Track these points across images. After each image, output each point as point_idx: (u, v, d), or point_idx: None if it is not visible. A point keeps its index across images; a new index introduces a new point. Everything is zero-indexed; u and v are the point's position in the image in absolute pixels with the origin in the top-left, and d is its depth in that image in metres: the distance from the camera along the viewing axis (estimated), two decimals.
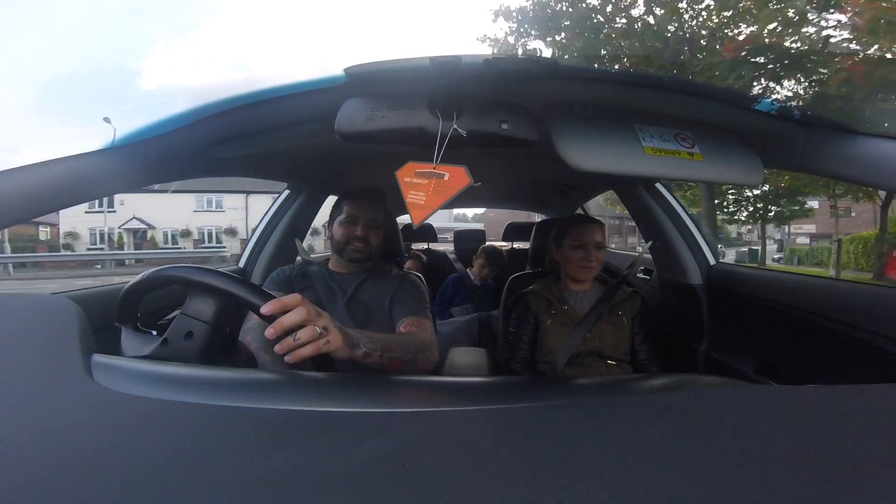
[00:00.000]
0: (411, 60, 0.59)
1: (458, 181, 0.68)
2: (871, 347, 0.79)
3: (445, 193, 0.68)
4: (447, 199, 0.68)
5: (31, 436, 0.28)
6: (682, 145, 0.71)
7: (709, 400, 0.36)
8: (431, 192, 0.68)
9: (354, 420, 0.32)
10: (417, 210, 0.68)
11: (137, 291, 0.63)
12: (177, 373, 0.47)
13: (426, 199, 0.68)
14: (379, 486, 0.23)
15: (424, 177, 0.69)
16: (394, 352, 0.77)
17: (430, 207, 0.68)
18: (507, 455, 0.27)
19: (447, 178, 0.68)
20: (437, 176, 0.68)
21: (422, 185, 0.68)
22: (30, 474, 0.24)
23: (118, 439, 0.28)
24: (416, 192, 0.68)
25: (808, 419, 0.31)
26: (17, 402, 0.32)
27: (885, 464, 0.25)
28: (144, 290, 0.64)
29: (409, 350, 0.81)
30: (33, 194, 0.61)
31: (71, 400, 0.33)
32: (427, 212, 0.68)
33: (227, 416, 0.32)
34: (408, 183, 0.69)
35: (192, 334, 0.57)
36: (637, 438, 0.29)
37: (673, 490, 0.23)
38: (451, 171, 0.68)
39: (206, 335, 0.57)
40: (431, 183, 0.68)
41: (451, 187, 0.68)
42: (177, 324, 0.58)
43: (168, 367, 0.50)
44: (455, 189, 0.68)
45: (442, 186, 0.68)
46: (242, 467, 0.25)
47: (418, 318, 1.00)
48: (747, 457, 0.26)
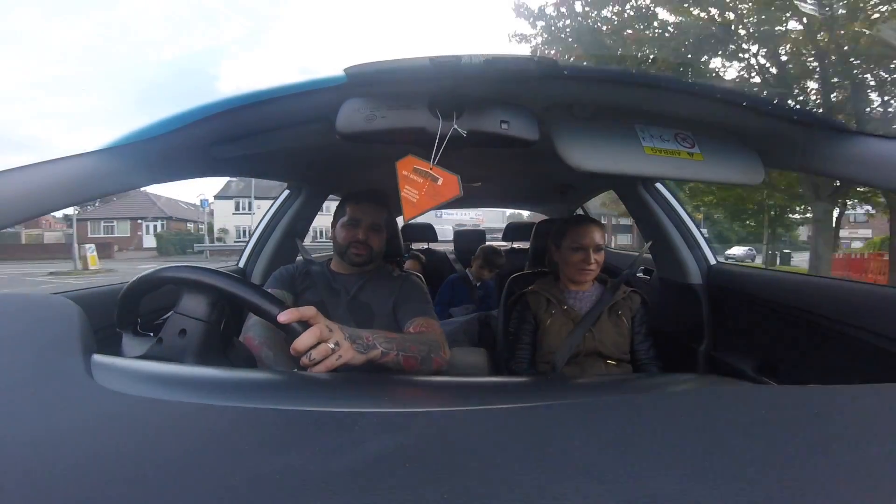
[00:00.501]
0: (411, 60, 0.59)
1: (450, 190, 0.70)
2: (871, 347, 0.79)
3: (436, 198, 0.69)
4: (437, 204, 0.70)
5: (31, 436, 0.28)
6: (682, 145, 0.72)
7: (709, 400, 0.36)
8: (424, 192, 0.69)
9: (354, 420, 0.32)
10: (410, 207, 0.69)
11: (134, 294, 0.63)
12: (177, 373, 0.47)
13: (419, 198, 0.69)
14: (379, 486, 0.23)
15: (421, 175, 0.69)
16: (409, 351, 0.78)
17: (421, 208, 0.69)
18: (507, 455, 0.27)
19: (440, 182, 0.69)
20: (433, 178, 0.69)
21: (417, 183, 0.69)
22: (30, 474, 0.24)
23: (118, 439, 0.28)
24: (411, 188, 0.69)
25: (808, 419, 0.31)
26: (17, 402, 0.32)
27: (885, 464, 0.25)
28: (143, 293, 0.64)
29: (423, 349, 0.83)
30: (33, 194, 0.61)
31: (71, 400, 0.33)
32: (417, 211, 0.69)
33: (227, 416, 0.32)
34: (405, 177, 0.70)
35: (185, 332, 0.57)
36: (637, 438, 0.29)
37: (673, 490, 0.23)
38: (445, 178, 0.69)
39: (200, 332, 0.58)
40: (426, 184, 0.69)
41: (441, 194, 0.69)
42: (170, 322, 0.58)
43: (168, 367, 0.50)
44: (445, 197, 0.69)
45: (434, 190, 0.69)
46: (242, 467, 0.25)
47: (426, 318, 1.01)
48: (747, 457, 0.26)
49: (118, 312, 0.64)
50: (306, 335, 0.59)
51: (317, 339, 0.59)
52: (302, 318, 0.60)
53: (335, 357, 0.61)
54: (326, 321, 0.64)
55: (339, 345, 0.63)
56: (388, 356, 0.73)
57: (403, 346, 0.77)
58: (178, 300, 0.60)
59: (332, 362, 0.61)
